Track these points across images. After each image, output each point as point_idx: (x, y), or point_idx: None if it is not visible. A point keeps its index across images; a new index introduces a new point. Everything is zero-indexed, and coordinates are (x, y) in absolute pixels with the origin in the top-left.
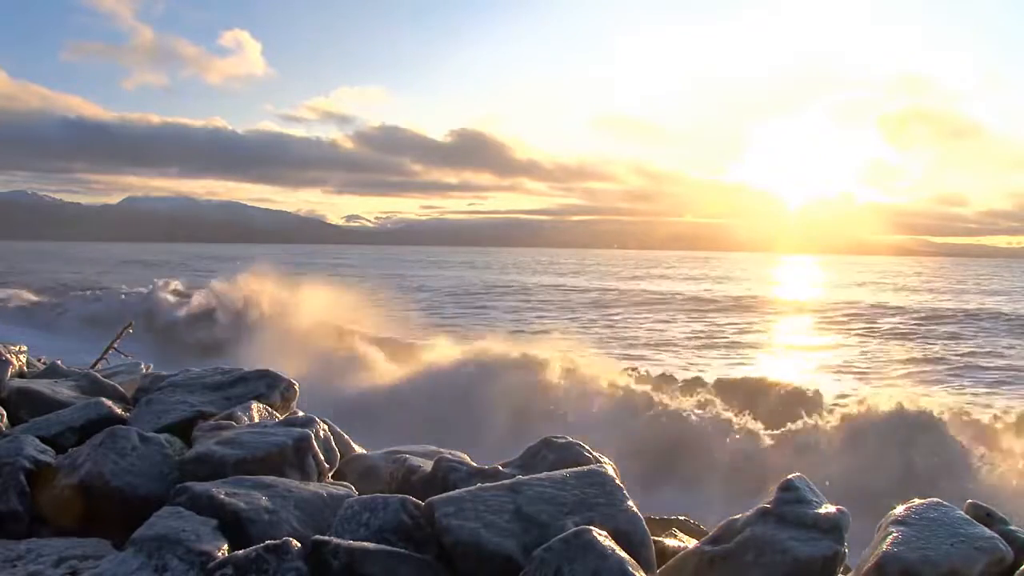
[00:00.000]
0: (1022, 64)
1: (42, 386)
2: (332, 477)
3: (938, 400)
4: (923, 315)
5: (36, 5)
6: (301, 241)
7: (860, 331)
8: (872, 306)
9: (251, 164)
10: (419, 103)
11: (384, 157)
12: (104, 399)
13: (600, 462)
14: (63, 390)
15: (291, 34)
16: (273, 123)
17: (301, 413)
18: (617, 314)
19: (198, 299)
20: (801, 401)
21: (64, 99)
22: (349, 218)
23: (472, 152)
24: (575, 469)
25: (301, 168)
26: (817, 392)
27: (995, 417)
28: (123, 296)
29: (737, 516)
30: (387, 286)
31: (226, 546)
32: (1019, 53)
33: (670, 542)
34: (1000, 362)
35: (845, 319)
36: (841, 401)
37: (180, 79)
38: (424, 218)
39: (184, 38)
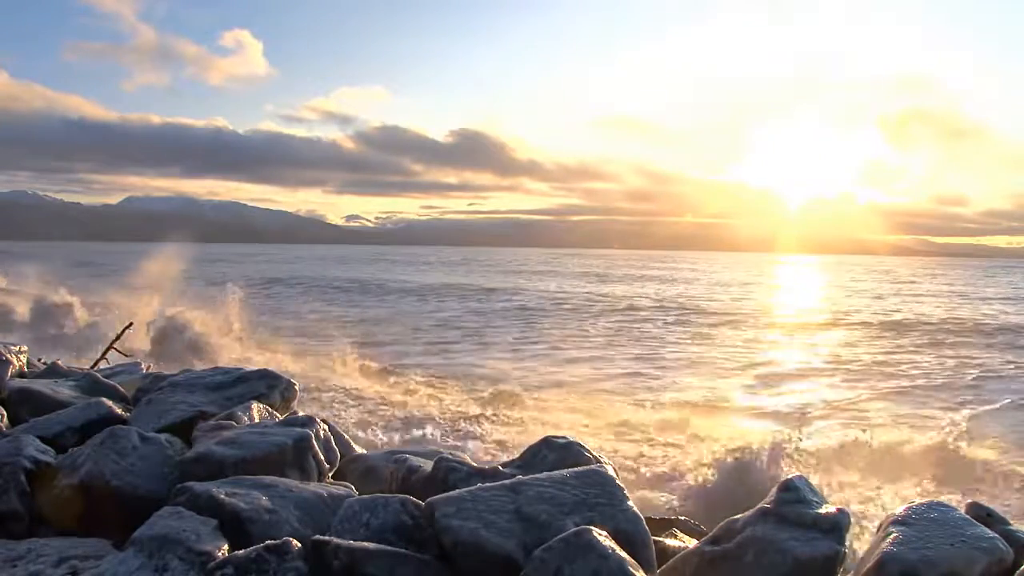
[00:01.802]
0: (1022, 64)
1: (43, 386)
2: (332, 477)
3: None
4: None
5: (38, 5)
6: (301, 241)
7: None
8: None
9: (252, 164)
10: (420, 103)
11: (384, 157)
12: (104, 399)
13: (600, 462)
14: (63, 390)
15: (292, 34)
16: (274, 123)
17: (301, 413)
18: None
19: None
20: None
21: (66, 99)
22: (349, 218)
23: (473, 152)
24: (575, 469)
25: (302, 168)
26: None
27: None
28: None
29: (737, 516)
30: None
31: (226, 546)
32: (1019, 53)
33: (670, 542)
34: None
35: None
36: None
37: (181, 79)
38: (424, 218)
39: (185, 38)
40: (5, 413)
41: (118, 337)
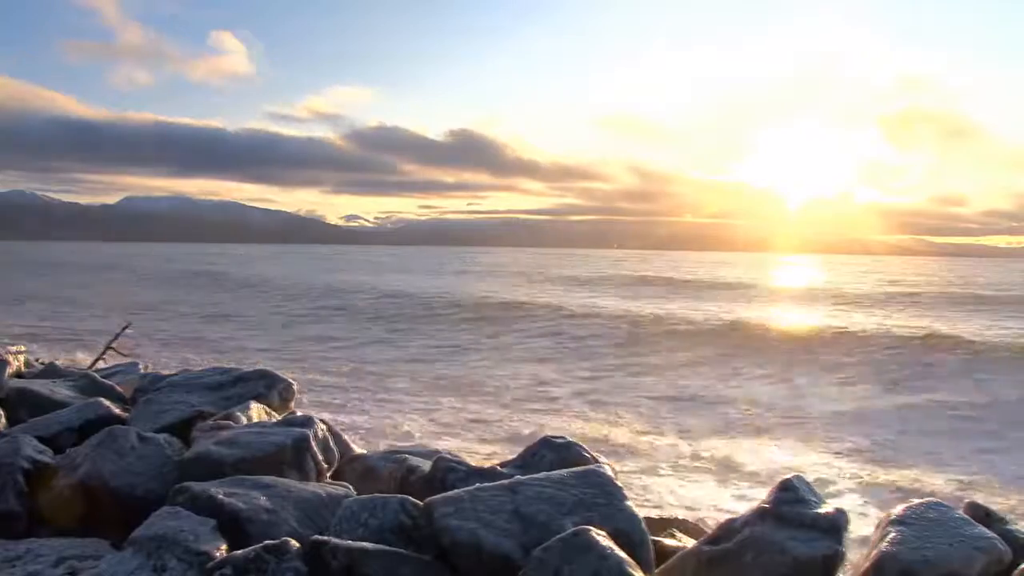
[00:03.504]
0: (1022, 64)
1: (40, 386)
2: (331, 477)
3: None
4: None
5: (33, 5)
6: (300, 241)
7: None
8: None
9: (249, 164)
10: (417, 103)
11: (382, 157)
12: (102, 399)
13: (599, 462)
14: (61, 390)
15: (287, 34)
16: (270, 122)
17: (300, 413)
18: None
19: None
20: None
21: (59, 99)
22: (348, 218)
23: (470, 152)
24: (574, 469)
25: (300, 168)
26: None
27: None
28: None
29: (736, 516)
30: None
31: (225, 546)
32: (1019, 53)
33: (669, 542)
34: None
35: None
36: None
37: (176, 78)
38: (423, 218)
39: (179, 37)
40: (3, 413)
41: (116, 337)
